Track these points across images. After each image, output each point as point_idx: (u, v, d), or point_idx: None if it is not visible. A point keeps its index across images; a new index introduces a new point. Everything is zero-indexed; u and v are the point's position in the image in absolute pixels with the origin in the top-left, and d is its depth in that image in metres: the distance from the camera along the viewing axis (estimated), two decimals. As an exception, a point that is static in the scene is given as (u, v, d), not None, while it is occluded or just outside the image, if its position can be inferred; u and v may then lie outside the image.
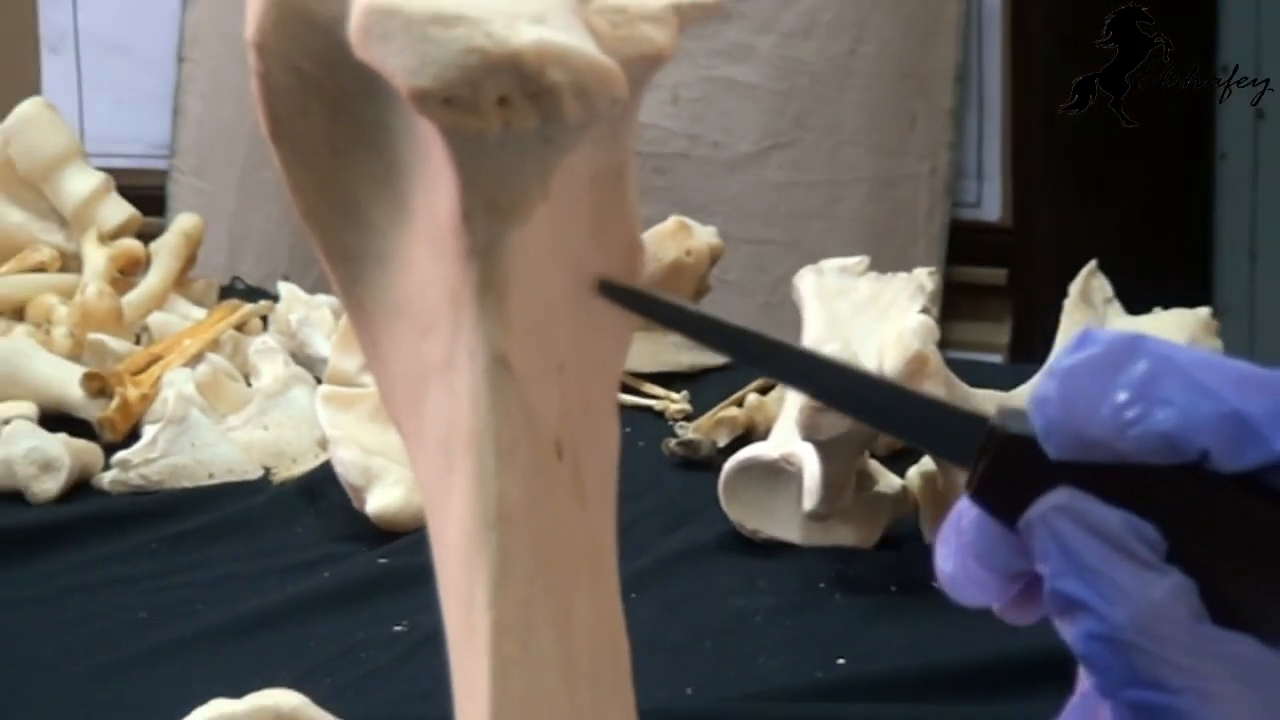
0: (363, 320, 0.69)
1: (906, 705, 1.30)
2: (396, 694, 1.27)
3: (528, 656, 0.67)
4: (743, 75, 2.55)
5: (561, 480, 0.68)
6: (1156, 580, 0.64)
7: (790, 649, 1.38)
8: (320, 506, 1.61)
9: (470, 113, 0.62)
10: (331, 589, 1.49)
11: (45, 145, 1.96)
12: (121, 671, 1.37)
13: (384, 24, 0.62)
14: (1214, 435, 0.64)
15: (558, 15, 0.64)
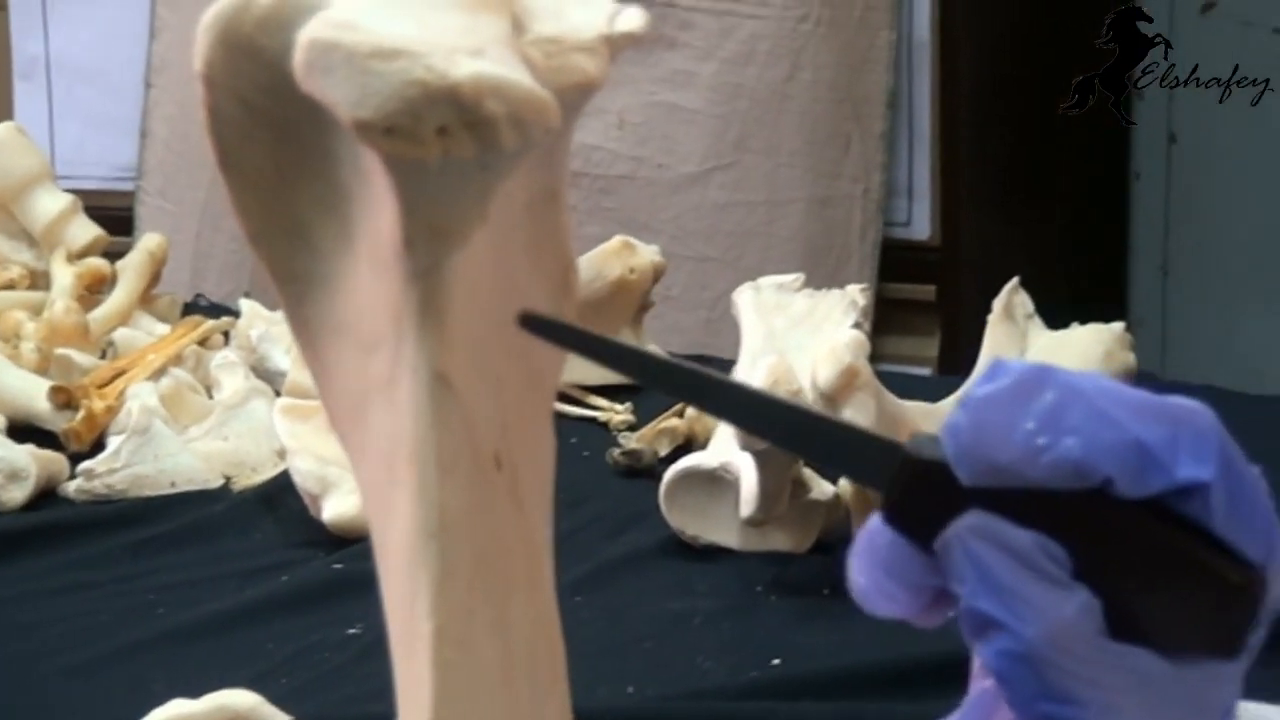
0: (308, 338, 0.69)
1: (839, 704, 1.30)
2: (350, 694, 1.27)
3: (467, 659, 0.67)
4: (685, 101, 2.55)
5: (500, 490, 0.68)
6: (1066, 598, 0.65)
7: (728, 650, 1.38)
8: (278, 514, 1.61)
9: (411, 142, 0.62)
10: (288, 593, 1.49)
11: (15, 167, 1.96)
12: (85, 672, 1.36)
13: (327, 57, 0.62)
14: (1117, 463, 0.64)
15: (494, 48, 0.64)
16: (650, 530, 1.54)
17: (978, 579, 0.64)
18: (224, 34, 0.66)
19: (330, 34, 0.62)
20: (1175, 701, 0.66)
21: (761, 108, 2.53)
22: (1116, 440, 0.64)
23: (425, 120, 0.62)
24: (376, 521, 0.69)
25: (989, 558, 0.65)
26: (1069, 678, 0.65)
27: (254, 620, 1.45)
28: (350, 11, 0.64)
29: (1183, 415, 0.66)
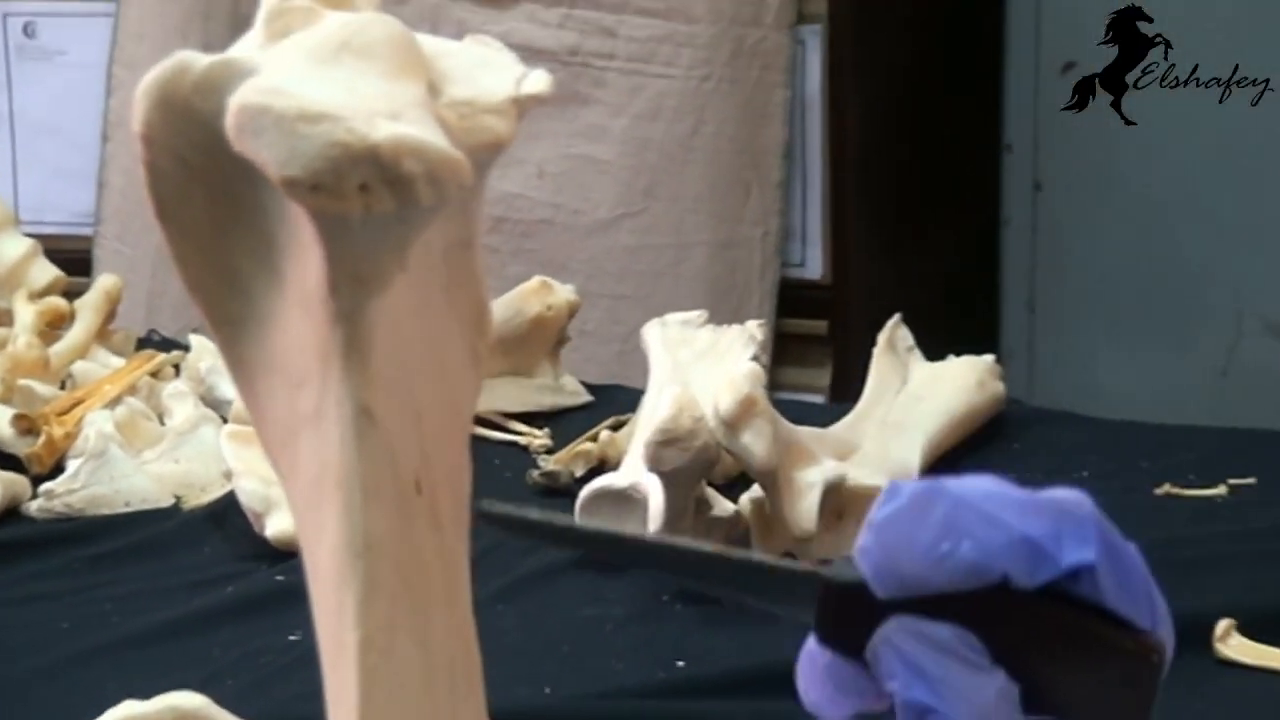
0: (243, 375, 0.69)
1: (738, 702, 1.30)
2: (291, 694, 1.27)
3: (391, 667, 0.67)
4: (599, 153, 2.55)
5: (420, 513, 0.67)
6: (987, 682, 0.66)
7: (637, 653, 1.38)
8: (225, 530, 1.60)
9: (334, 198, 0.62)
10: (234, 602, 1.48)
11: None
12: (46, 675, 1.36)
13: (257, 120, 0.62)
14: (1010, 559, 0.65)
15: (411, 110, 0.64)
16: (566, 546, 1.54)
17: (908, 672, 0.65)
18: (161, 97, 0.65)
19: (260, 98, 0.62)
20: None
21: (668, 159, 2.54)
22: (1006, 540, 0.65)
23: (348, 178, 0.61)
24: (307, 541, 0.69)
25: (915, 652, 0.65)
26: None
27: (202, 627, 1.44)
28: (278, 77, 0.63)
29: (1063, 507, 0.67)
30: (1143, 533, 0.70)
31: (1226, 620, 1.35)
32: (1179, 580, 1.45)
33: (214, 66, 0.65)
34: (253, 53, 0.66)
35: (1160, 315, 2.74)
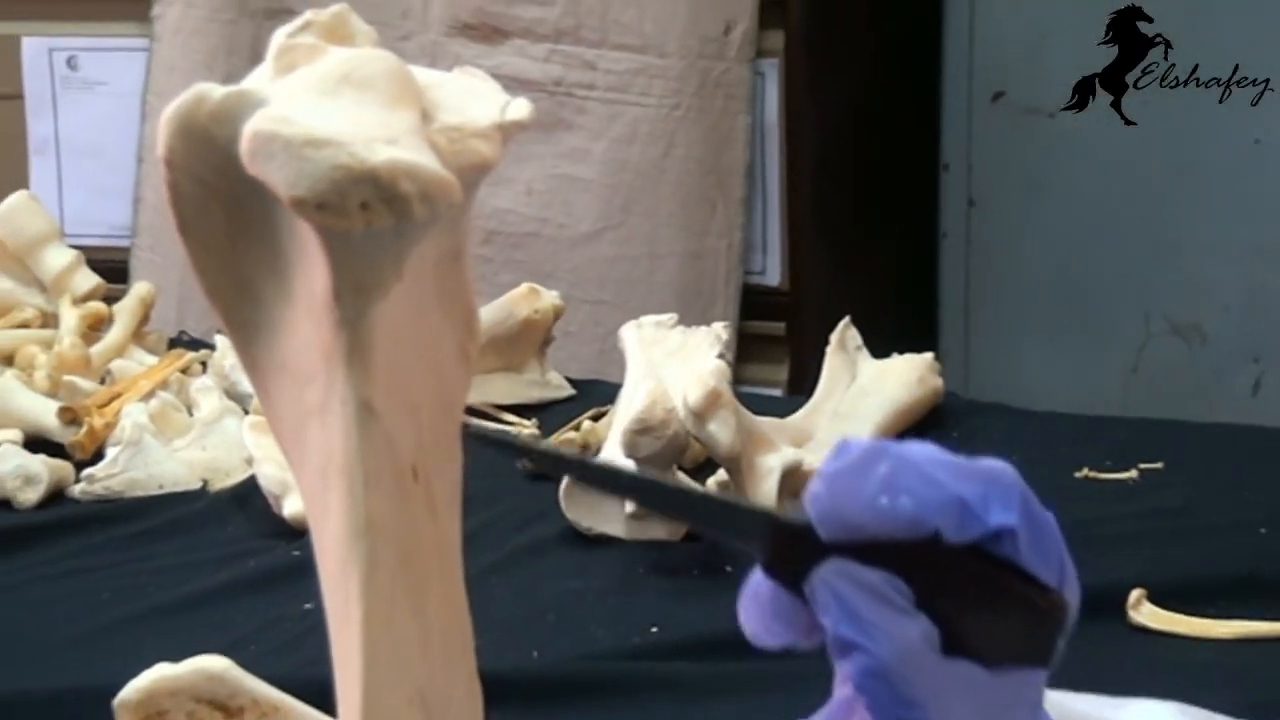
0: (256, 373, 0.69)
1: (705, 664, 1.30)
2: (305, 658, 1.26)
3: (390, 636, 0.67)
4: (581, 173, 2.55)
5: (417, 498, 0.67)
6: (910, 625, 0.66)
7: (615, 620, 1.38)
8: (247, 511, 1.60)
9: (338, 215, 0.62)
10: (254, 576, 1.48)
11: (29, 228, 1.95)
12: (87, 641, 1.36)
13: (267, 145, 0.62)
14: (943, 516, 0.66)
15: (406, 136, 0.64)
16: (552, 524, 1.54)
17: (839, 611, 0.65)
18: (182, 124, 0.65)
19: (270, 126, 0.62)
20: (996, 702, 0.67)
21: (643, 179, 2.54)
22: (941, 499, 0.65)
23: (349, 198, 0.61)
24: (314, 523, 0.68)
25: (848, 593, 0.65)
26: (913, 688, 0.65)
27: (226, 598, 1.44)
28: (286, 107, 0.63)
29: (991, 474, 0.67)
30: (1064, 512, 0.70)
31: (1138, 590, 1.36)
32: (1096, 555, 1.46)
33: (229, 97, 0.65)
34: (264, 85, 0.66)
35: (1079, 318, 2.74)
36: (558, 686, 1.26)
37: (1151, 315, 2.73)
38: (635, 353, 1.62)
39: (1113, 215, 2.72)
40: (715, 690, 1.26)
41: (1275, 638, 1.32)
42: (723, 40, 2.49)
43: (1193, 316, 2.70)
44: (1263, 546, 1.48)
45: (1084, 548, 0.69)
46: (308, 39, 0.67)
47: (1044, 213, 2.75)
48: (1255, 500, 1.58)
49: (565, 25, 2.54)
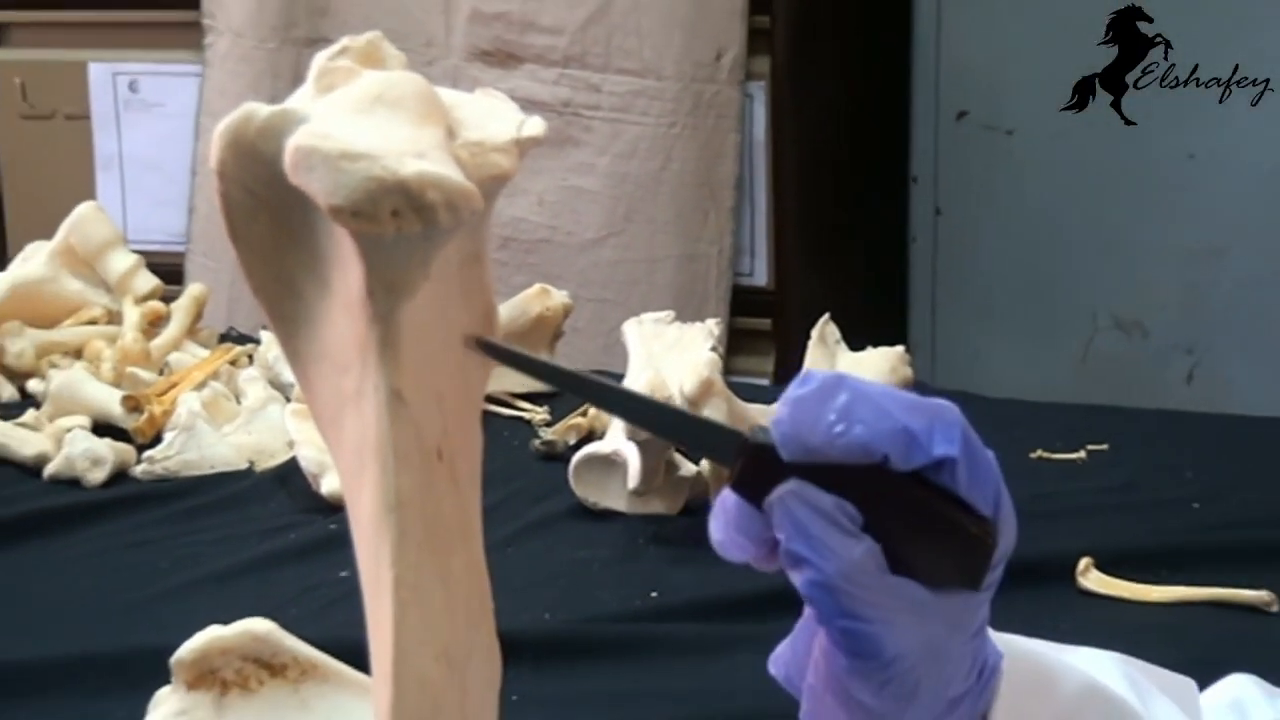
0: (298, 363, 0.69)
1: (698, 625, 1.31)
2: (341, 620, 1.26)
3: (418, 599, 0.66)
4: (587, 185, 2.55)
5: (442, 476, 0.67)
6: (855, 544, 0.65)
7: (618, 586, 1.38)
8: (289, 489, 1.60)
9: (371, 222, 0.61)
10: (295, 547, 1.48)
11: (96, 235, 1.94)
12: (148, 604, 1.36)
13: (308, 159, 0.62)
14: (892, 444, 0.65)
15: (433, 150, 0.64)
16: (561, 500, 1.54)
17: (793, 529, 0.65)
18: (233, 140, 0.65)
19: (311, 141, 0.62)
20: (935, 619, 0.67)
21: (643, 190, 2.54)
22: (891, 428, 0.65)
23: (382, 206, 0.61)
24: (350, 499, 0.68)
25: (800, 513, 0.65)
26: (858, 602, 0.65)
27: (270, 567, 1.44)
28: (326, 124, 0.63)
29: (937, 410, 0.66)
30: (1019, 489, 0.70)
31: (1086, 558, 1.36)
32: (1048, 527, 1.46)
33: (274, 115, 0.65)
34: (305, 104, 0.66)
35: (1033, 314, 2.74)
36: (567, 645, 1.25)
37: (1098, 312, 2.73)
38: (636, 346, 1.62)
39: (1064, 223, 2.72)
40: (708, 648, 1.26)
41: (1207, 602, 1.32)
42: (714, 65, 2.49)
43: (1134, 313, 2.70)
44: (1196, 519, 1.49)
45: (1037, 521, 0.69)
46: (345, 63, 0.67)
47: (1003, 220, 2.75)
48: (1190, 478, 1.58)
49: (573, 52, 2.54)
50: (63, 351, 1.86)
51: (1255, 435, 1.74)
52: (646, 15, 2.50)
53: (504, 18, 2.56)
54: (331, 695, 1.05)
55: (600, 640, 1.27)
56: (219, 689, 1.04)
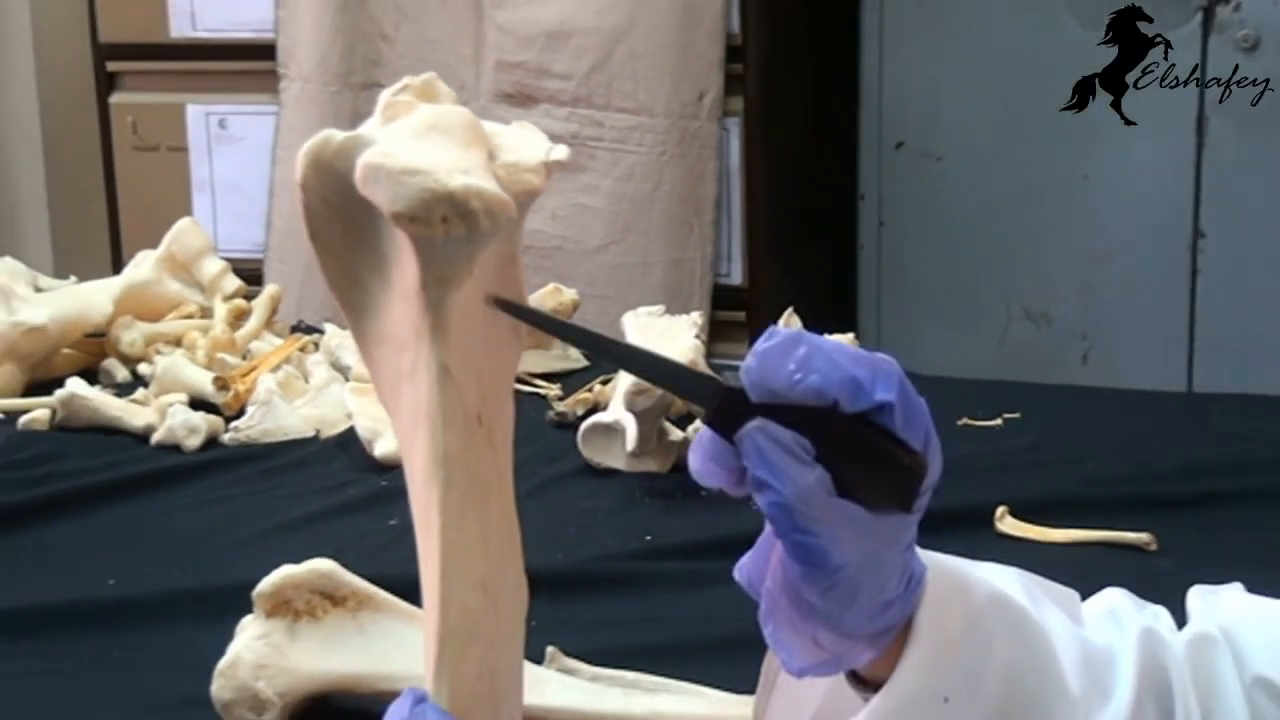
0: (363, 344, 0.69)
1: (687, 563, 1.30)
2: (391, 561, 1.26)
3: (461, 539, 0.66)
4: (592, 203, 2.55)
5: (481, 438, 0.67)
6: (809, 472, 0.65)
7: (620, 531, 1.38)
8: (348, 452, 1.60)
9: (425, 226, 0.62)
10: (353, 500, 1.48)
11: (192, 245, 1.94)
12: (233, 549, 1.36)
13: (375, 174, 0.62)
14: (841, 389, 0.65)
15: (476, 169, 0.64)
16: (571, 460, 1.54)
17: (757, 457, 0.64)
18: (313, 159, 0.65)
19: (378, 159, 0.62)
20: (873, 536, 0.66)
21: (638, 207, 2.54)
22: (841, 376, 0.64)
23: (434, 213, 0.61)
24: (405, 456, 0.68)
25: (764, 445, 0.64)
26: (810, 520, 0.65)
27: (333, 516, 1.44)
28: (389, 146, 0.63)
29: (879, 363, 0.66)
30: (948, 450, 0.69)
31: (1002, 507, 1.36)
32: (972, 481, 1.46)
33: (347, 139, 0.65)
34: (372, 130, 0.67)
35: (959, 307, 2.74)
36: (577, 580, 1.26)
37: (1011, 305, 2.73)
38: (633, 334, 1.62)
39: (984, 232, 2.72)
40: (693, 582, 1.26)
41: (1099, 542, 1.32)
42: (697, 105, 2.49)
43: (1041, 306, 2.71)
44: (1091, 474, 1.49)
45: (963, 476, 0.69)
46: (406, 98, 0.68)
47: (934, 230, 2.75)
48: (1085, 441, 1.58)
49: (580, 94, 2.54)
50: (165, 341, 1.85)
51: (1138, 406, 1.75)
52: (641, 64, 2.50)
53: (523, 66, 2.56)
54: (383, 621, 1.06)
55: (604, 575, 1.28)
56: (292, 616, 1.05)
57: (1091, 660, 0.74)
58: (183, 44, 2.74)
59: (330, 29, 2.65)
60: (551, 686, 1.02)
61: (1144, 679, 0.75)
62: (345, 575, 1.06)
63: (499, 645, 0.67)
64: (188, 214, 2.25)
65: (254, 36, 2.72)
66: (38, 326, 1.78)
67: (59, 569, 1.33)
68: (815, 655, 0.68)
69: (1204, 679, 0.77)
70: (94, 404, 1.67)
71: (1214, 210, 2.58)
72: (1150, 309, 2.63)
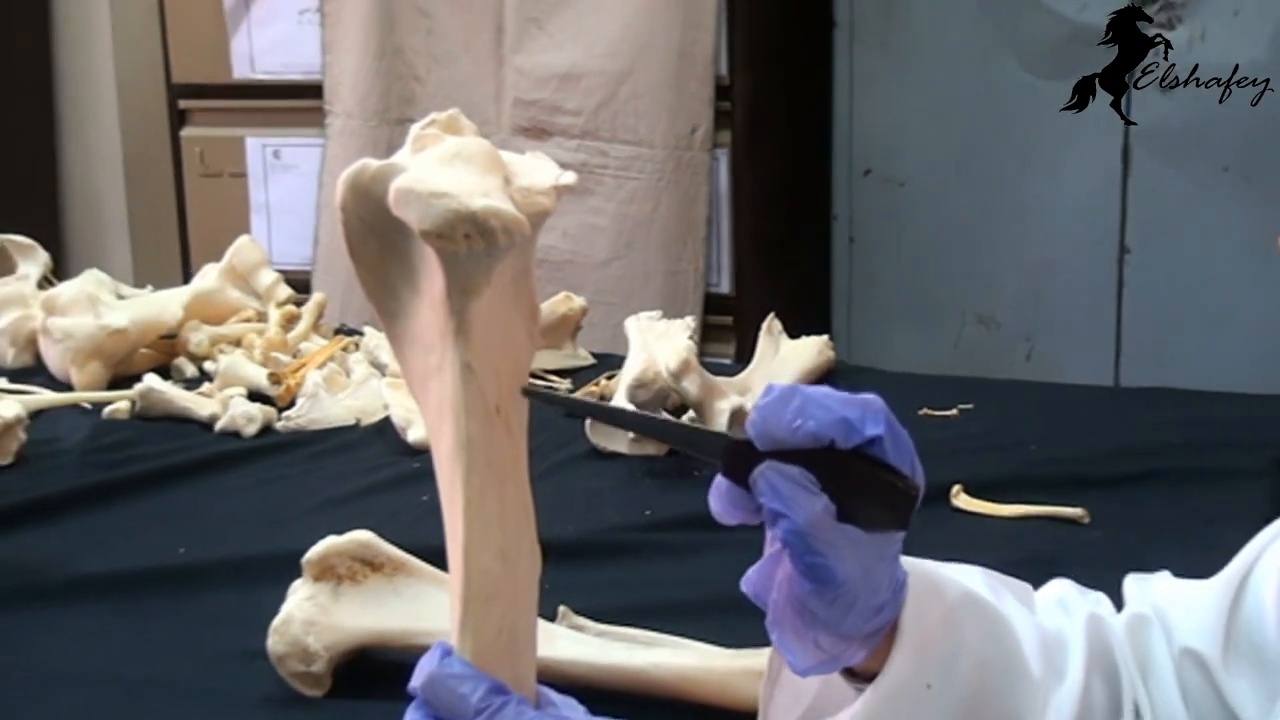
0: (397, 345, 0.68)
1: (682, 534, 1.30)
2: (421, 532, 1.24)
3: (482, 514, 0.66)
4: (600, 222, 2.54)
5: (499, 426, 0.67)
6: (816, 501, 0.65)
7: (623, 506, 1.38)
8: (384, 438, 1.60)
9: (450, 241, 0.61)
10: (389, 479, 1.48)
11: (250, 258, 1.95)
12: (286, 521, 1.36)
13: (406, 197, 0.62)
14: (834, 430, 0.65)
15: (495, 192, 0.64)
16: (580, 445, 1.54)
17: (771, 493, 0.65)
18: (352, 184, 0.65)
19: (408, 184, 0.62)
20: (872, 554, 0.67)
21: (640, 226, 2.53)
22: (834, 419, 0.65)
23: (457, 230, 0.61)
24: (433, 442, 0.68)
25: (776, 481, 0.65)
26: (818, 542, 0.65)
27: (370, 494, 1.44)
28: (419, 172, 0.63)
29: (867, 402, 0.66)
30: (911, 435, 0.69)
31: (957, 485, 1.36)
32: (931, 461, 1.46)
33: (382, 167, 0.65)
34: (404, 159, 0.66)
35: (920, 312, 2.74)
36: (584, 549, 1.26)
37: (964, 311, 2.73)
38: (634, 336, 1.62)
39: (940, 247, 2.72)
40: (686, 551, 1.26)
41: (1040, 516, 1.32)
42: (690, 138, 2.49)
43: (990, 311, 2.71)
44: (1033, 457, 1.49)
45: (923, 458, 0.69)
46: (433, 130, 0.67)
47: (897, 246, 2.75)
48: (1029, 428, 1.58)
49: (588, 128, 2.54)
50: (227, 341, 1.85)
51: (1073, 398, 1.75)
52: (641, 102, 2.50)
53: (538, 104, 2.56)
54: (415, 585, 1.06)
55: (608, 545, 1.28)
56: (336, 580, 1.05)
57: (1047, 645, 0.75)
58: (243, 85, 2.74)
59: (370, 72, 2.65)
60: (562, 641, 1.02)
61: (1092, 659, 0.76)
62: (382, 545, 1.06)
63: (516, 605, 0.67)
64: (246, 232, 2.25)
65: (304, 78, 2.72)
66: (120, 329, 1.78)
67: (137, 539, 1.33)
68: (817, 656, 0.68)
69: (1141, 653, 0.79)
70: (167, 396, 1.67)
71: (1137, 230, 2.59)
72: (1083, 314, 2.64)
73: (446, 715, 0.64)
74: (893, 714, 0.69)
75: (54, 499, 1.41)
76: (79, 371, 1.75)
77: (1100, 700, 0.76)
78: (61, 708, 1.02)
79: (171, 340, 1.86)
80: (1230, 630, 0.76)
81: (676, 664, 1.00)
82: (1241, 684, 0.75)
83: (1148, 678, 0.78)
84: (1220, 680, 0.76)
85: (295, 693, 1.02)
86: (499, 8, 2.56)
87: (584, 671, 0.99)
